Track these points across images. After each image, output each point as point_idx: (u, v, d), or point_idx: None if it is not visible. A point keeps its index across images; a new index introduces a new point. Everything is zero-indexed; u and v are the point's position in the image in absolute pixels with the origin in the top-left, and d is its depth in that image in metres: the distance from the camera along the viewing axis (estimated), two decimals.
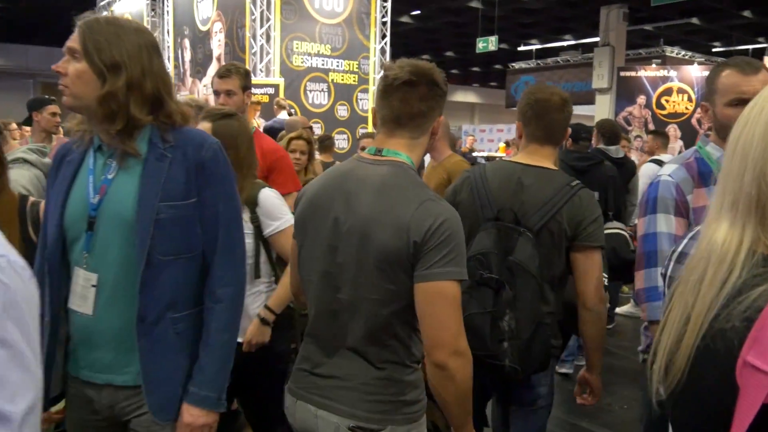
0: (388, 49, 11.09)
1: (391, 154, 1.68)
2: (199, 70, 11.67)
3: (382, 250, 1.57)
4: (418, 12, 18.41)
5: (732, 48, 21.42)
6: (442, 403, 1.63)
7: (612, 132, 5.03)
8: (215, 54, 10.91)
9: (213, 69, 11.00)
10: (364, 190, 1.64)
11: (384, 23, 11.03)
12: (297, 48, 10.01)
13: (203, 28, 11.33)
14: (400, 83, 1.63)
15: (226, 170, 1.69)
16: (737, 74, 1.98)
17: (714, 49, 22.30)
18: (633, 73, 14.26)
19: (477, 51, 15.67)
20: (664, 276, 1.46)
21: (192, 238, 1.64)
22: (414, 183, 1.64)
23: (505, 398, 2.35)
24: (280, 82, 9.50)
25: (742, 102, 1.93)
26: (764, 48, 20.35)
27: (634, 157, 8.19)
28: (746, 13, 17.37)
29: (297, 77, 10.04)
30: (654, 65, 15.57)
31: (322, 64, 10.30)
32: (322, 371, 1.70)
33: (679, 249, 1.42)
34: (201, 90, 11.32)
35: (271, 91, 9.30)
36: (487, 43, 15.17)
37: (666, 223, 2.02)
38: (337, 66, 10.45)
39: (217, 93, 3.13)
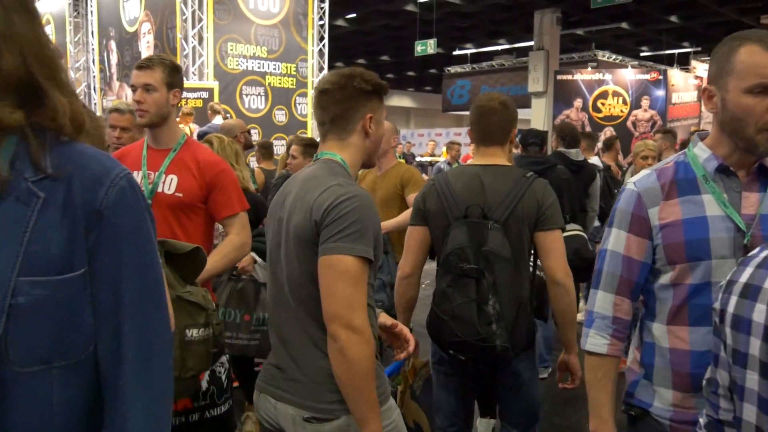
0: (326, 51, 10.76)
1: (326, 155, 1.82)
2: (126, 74, 11.04)
3: (296, 234, 1.70)
4: (354, 15, 18.15)
5: (659, 52, 22.10)
6: (339, 384, 1.63)
7: (572, 135, 4.87)
8: (143, 56, 10.33)
9: None
10: (295, 188, 1.79)
11: (321, 25, 10.69)
12: (231, 50, 9.56)
13: (130, 29, 10.72)
14: (317, 93, 1.83)
15: (140, 221, 1.03)
16: (763, 52, 1.46)
17: (642, 53, 22.93)
18: (569, 77, 14.43)
19: (416, 54, 15.53)
20: (721, 312, 1.20)
21: (75, 334, 0.98)
22: (330, 172, 1.74)
23: (492, 385, 2.54)
24: (215, 85, 9.04)
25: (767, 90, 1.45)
26: (689, 52, 21.03)
27: None
28: (673, 18, 17.88)
29: (232, 81, 9.59)
30: (590, 68, 15.80)
31: (259, 67, 9.88)
32: (278, 363, 1.77)
33: (743, 280, 1.16)
34: (129, 95, 10.70)
35: (205, 95, 8.84)
36: (426, 46, 15.05)
37: (616, 241, 1.66)
38: (274, 69, 10.05)
39: (133, 88, 2.56)
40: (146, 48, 10.23)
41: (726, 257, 1.52)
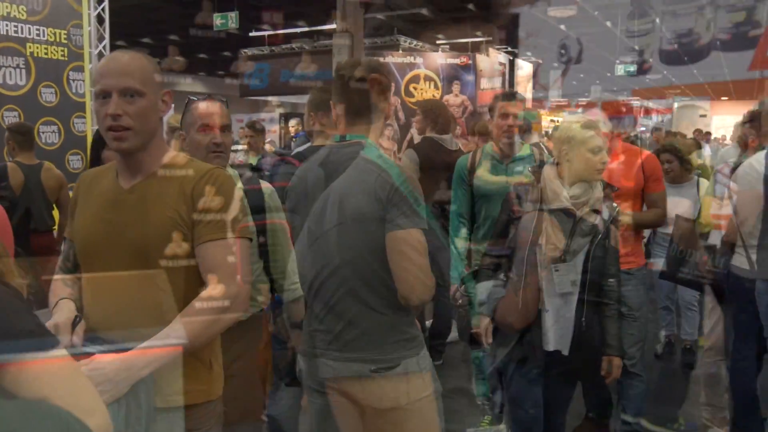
0: (107, 16, 8.87)
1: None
2: None
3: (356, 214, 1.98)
4: None
5: (453, 41, 22.56)
6: None
7: (444, 117, 3.91)
8: None
9: None
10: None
11: None
12: None
13: None
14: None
15: None
16: None
17: (438, 42, 23.25)
18: (380, 60, 13.78)
19: (214, 29, 13.88)
20: None
21: None
22: None
23: None
24: None
25: None
26: (481, 42, 21.63)
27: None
28: (471, 6, 18.15)
29: None
30: (401, 51, 15.35)
31: (16, 32, 7.80)
32: (327, 328, 1.98)
33: None
34: None
35: None
36: (227, 20, 13.46)
37: None
38: (38, 35, 8.02)
39: None
40: None
41: None
